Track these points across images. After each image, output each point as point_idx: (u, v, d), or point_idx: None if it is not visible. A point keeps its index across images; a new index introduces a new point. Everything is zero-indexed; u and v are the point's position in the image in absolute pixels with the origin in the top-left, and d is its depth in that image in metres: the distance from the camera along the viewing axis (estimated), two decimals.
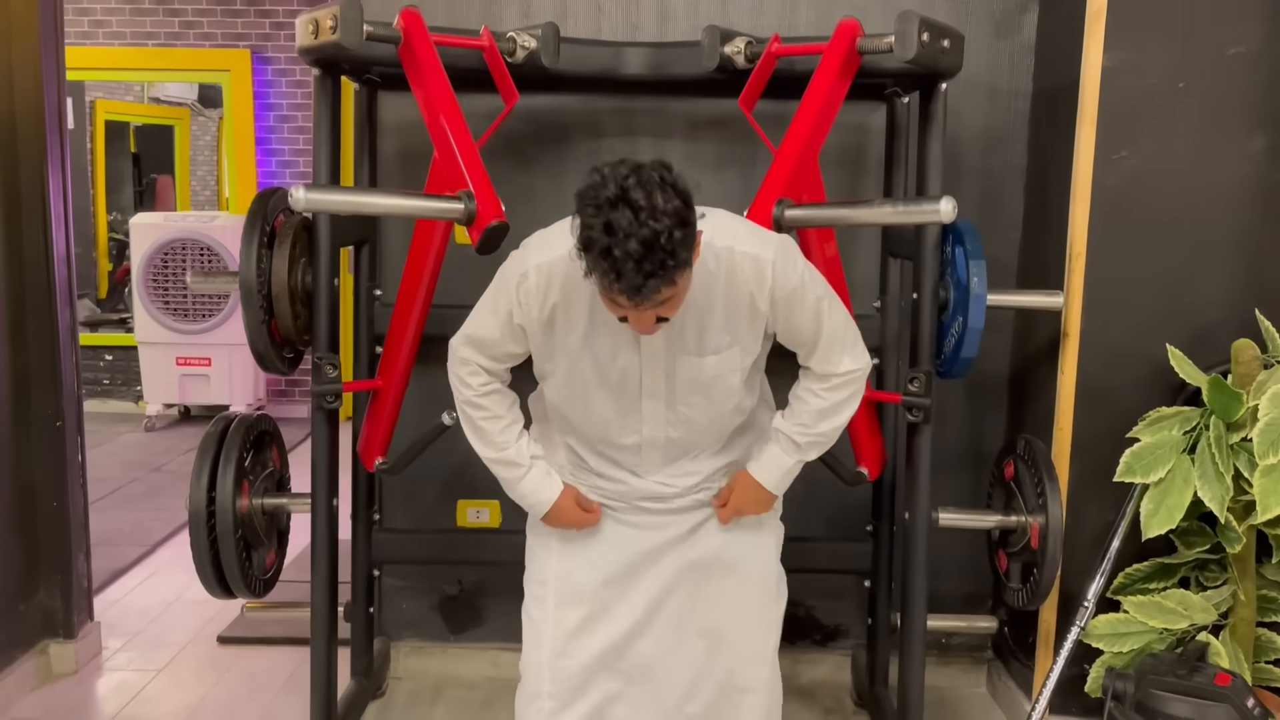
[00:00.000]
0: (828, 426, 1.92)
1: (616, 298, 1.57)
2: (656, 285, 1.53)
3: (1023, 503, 2.49)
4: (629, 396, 1.85)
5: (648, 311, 1.61)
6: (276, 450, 2.61)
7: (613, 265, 1.51)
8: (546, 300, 1.78)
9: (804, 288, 1.78)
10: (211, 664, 3.19)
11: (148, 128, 7.99)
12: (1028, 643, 2.84)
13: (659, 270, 1.51)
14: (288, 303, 2.36)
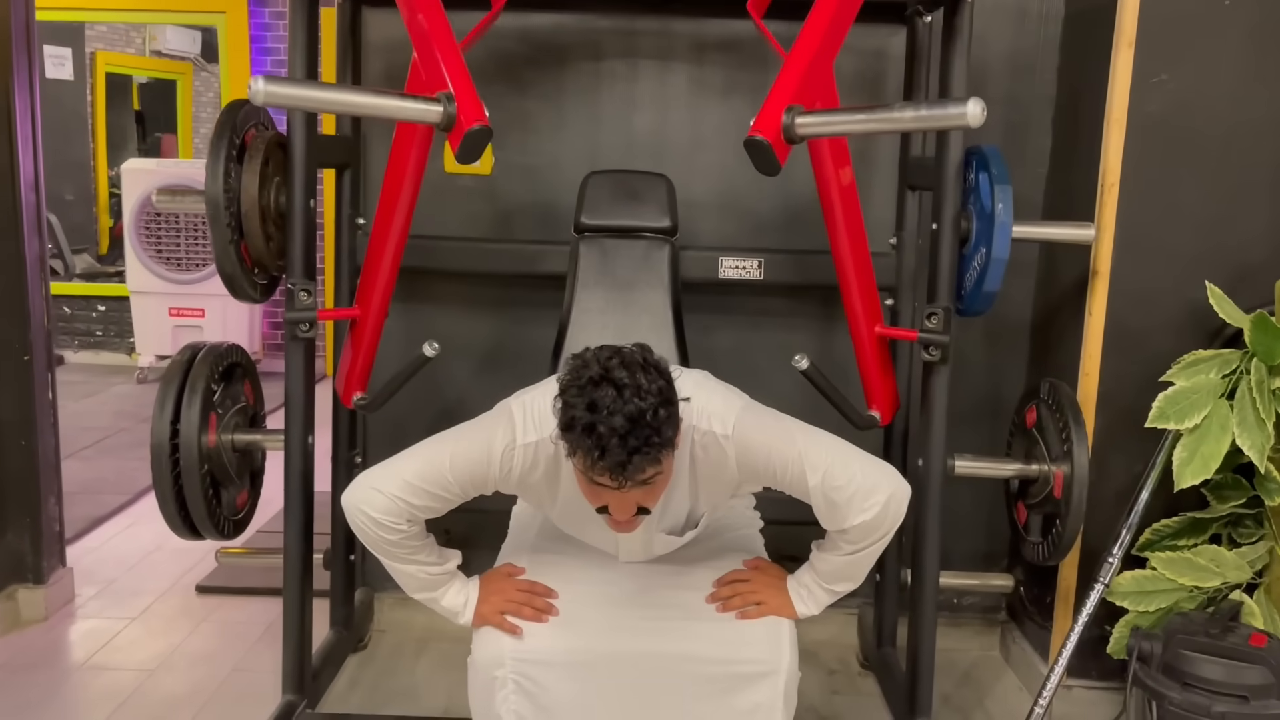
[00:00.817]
0: (855, 571, 1.84)
1: (599, 478, 1.53)
2: (641, 463, 1.49)
3: (1045, 450, 2.33)
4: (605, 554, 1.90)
5: (630, 495, 1.56)
6: (250, 384, 2.45)
7: (596, 442, 1.48)
8: (528, 477, 1.74)
9: (771, 453, 1.69)
10: (187, 613, 3.05)
11: (151, 86, 7.86)
12: (1045, 602, 2.68)
13: (644, 446, 1.48)
14: (258, 223, 2.19)
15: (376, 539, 1.77)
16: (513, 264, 2.67)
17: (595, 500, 1.60)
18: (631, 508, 1.60)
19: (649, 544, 1.86)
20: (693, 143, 2.76)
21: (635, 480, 1.52)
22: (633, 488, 1.53)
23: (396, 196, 2.18)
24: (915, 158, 2.56)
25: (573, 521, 1.87)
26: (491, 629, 1.84)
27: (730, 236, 2.77)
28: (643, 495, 1.58)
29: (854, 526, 1.71)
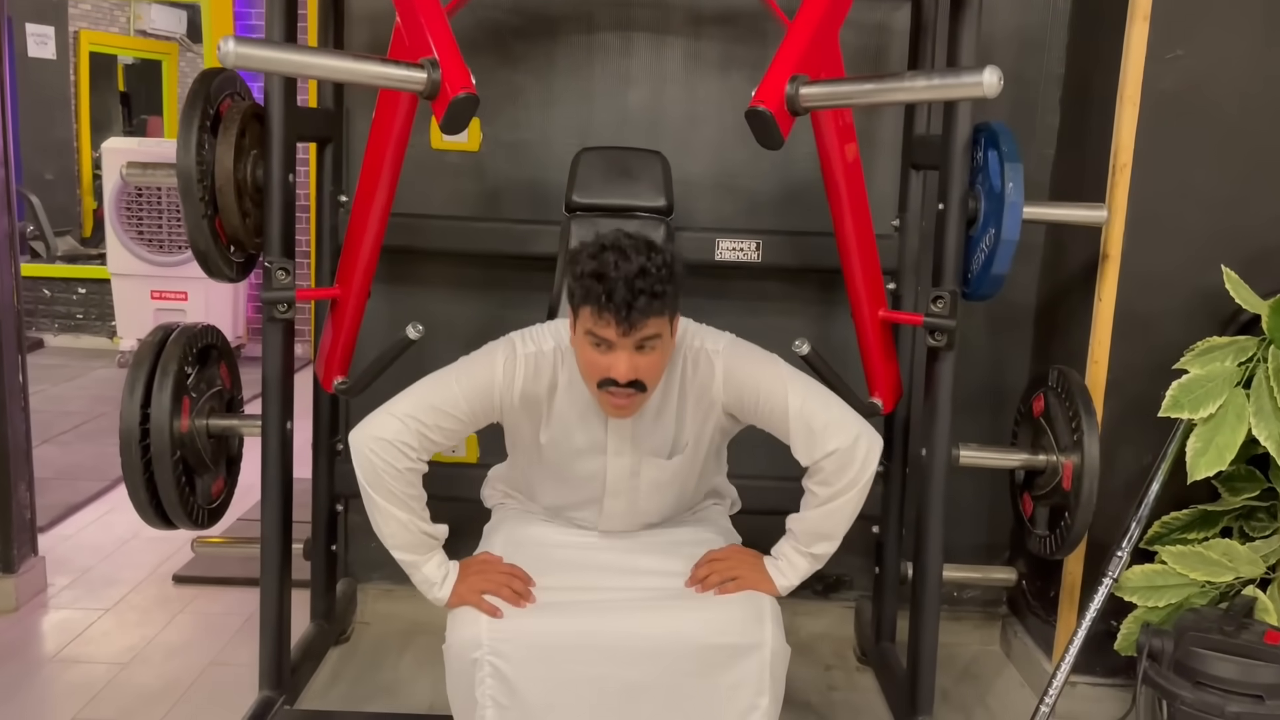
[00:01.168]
0: (831, 526, 1.84)
1: (603, 329, 1.61)
2: (646, 305, 1.58)
3: (1054, 440, 2.24)
4: (591, 494, 1.87)
5: (632, 356, 1.62)
6: (226, 367, 2.35)
7: (604, 285, 1.58)
8: (530, 387, 1.79)
9: (759, 377, 1.80)
10: (163, 604, 2.96)
11: (138, 67, 7.72)
12: (1049, 597, 2.61)
13: (649, 289, 1.58)
14: (234, 197, 2.09)
15: (384, 467, 1.78)
16: (501, 244, 2.57)
17: (595, 371, 1.65)
18: (632, 370, 1.63)
19: (637, 471, 1.83)
20: (688, 119, 2.66)
21: (639, 329, 1.59)
22: (635, 343, 1.61)
23: (379, 171, 2.08)
24: (920, 135, 2.46)
25: (562, 446, 1.83)
26: (466, 611, 1.78)
27: (727, 217, 2.68)
28: (644, 365, 1.64)
29: (830, 454, 1.76)
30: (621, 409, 1.71)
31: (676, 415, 1.82)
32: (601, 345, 1.64)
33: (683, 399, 1.82)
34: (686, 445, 1.85)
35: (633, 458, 1.83)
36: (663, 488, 1.89)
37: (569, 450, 1.84)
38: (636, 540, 1.94)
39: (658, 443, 1.83)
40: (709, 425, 1.85)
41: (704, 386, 1.81)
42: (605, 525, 1.94)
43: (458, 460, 2.81)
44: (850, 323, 2.68)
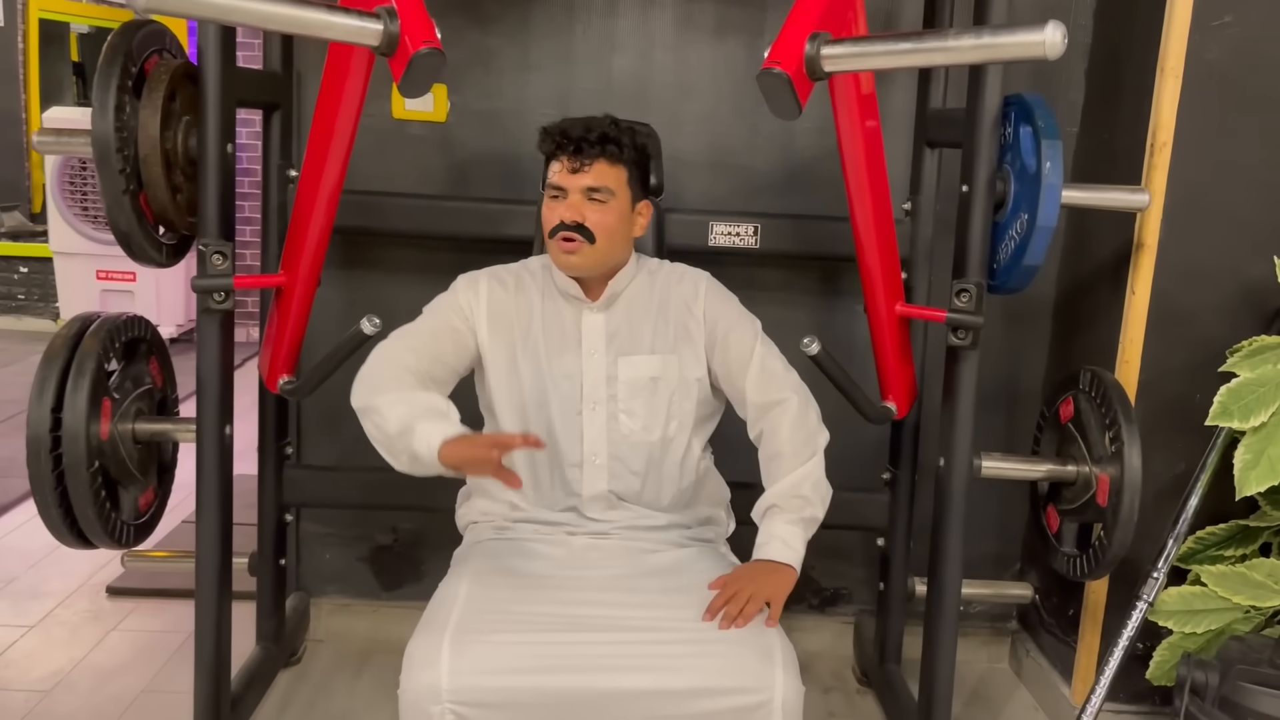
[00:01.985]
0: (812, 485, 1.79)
1: (557, 164, 1.71)
2: (597, 144, 1.69)
3: (1085, 450, 2.02)
4: (569, 408, 1.77)
5: (580, 188, 1.69)
6: (157, 363, 2.08)
7: (561, 129, 1.71)
8: (496, 294, 1.80)
9: (734, 307, 1.85)
10: (95, 619, 2.68)
11: (93, 37, 7.33)
12: (1067, 615, 2.40)
13: (602, 133, 1.70)
14: (160, 169, 1.82)
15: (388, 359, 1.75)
16: (470, 225, 2.31)
17: (549, 222, 1.71)
18: (576, 211, 1.68)
19: (613, 374, 1.77)
20: (679, 89, 2.41)
21: (587, 169, 1.68)
22: (585, 187, 1.68)
23: (328, 141, 1.81)
24: (936, 110, 2.23)
25: (539, 343, 1.78)
26: (425, 649, 1.53)
27: (721, 198, 2.44)
28: (591, 214, 1.69)
29: (781, 403, 1.79)
30: (568, 252, 1.70)
31: (656, 318, 1.80)
32: (557, 195, 1.70)
33: (664, 305, 1.81)
34: (661, 349, 1.79)
35: (608, 356, 1.77)
36: (641, 393, 1.77)
37: (544, 357, 1.77)
38: (624, 580, 1.70)
39: (634, 341, 1.79)
40: (689, 349, 1.80)
41: (687, 299, 1.82)
42: (590, 472, 1.76)
43: None
44: (856, 317, 2.48)
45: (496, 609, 1.58)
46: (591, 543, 1.77)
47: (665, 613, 1.60)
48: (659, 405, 1.79)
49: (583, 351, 1.78)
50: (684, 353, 1.80)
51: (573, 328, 1.79)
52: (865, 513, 2.38)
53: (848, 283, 2.49)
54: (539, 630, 1.54)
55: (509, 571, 1.69)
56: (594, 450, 1.78)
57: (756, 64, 2.40)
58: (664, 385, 1.79)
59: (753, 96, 2.44)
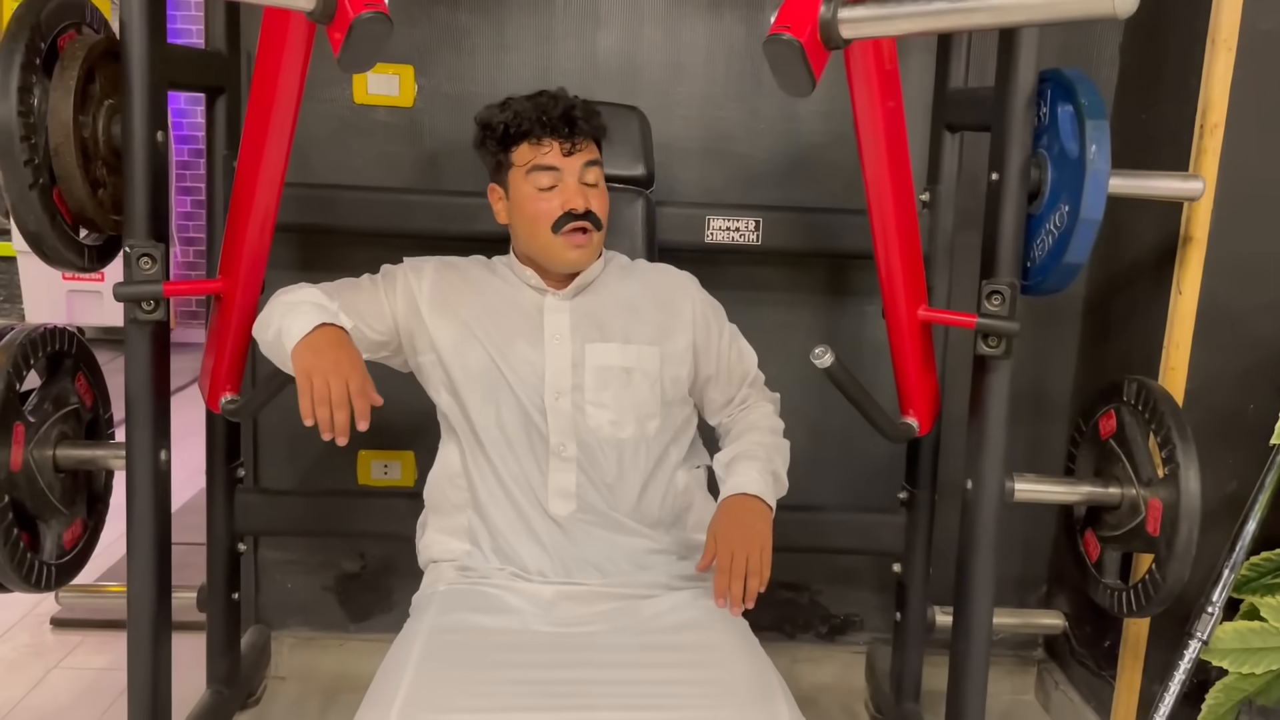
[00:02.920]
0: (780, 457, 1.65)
1: (544, 146, 1.55)
2: (586, 118, 1.56)
3: (1131, 470, 1.80)
4: (531, 397, 1.56)
5: (578, 168, 1.56)
6: (85, 380, 1.85)
7: (538, 105, 1.55)
8: (443, 274, 1.65)
9: (719, 308, 1.72)
10: (36, 656, 2.45)
11: None
12: (1102, 646, 2.18)
13: (582, 105, 1.58)
14: (76, 160, 1.58)
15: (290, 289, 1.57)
16: (441, 221, 2.07)
17: (546, 214, 1.54)
18: (583, 193, 1.55)
19: (580, 360, 1.57)
20: (671, 69, 2.19)
21: (582, 148, 1.55)
22: (581, 166, 1.55)
23: (266, 124, 1.58)
24: (957, 89, 2.00)
25: (493, 327, 1.59)
26: (380, 695, 1.33)
27: (718, 190, 2.21)
28: (596, 196, 1.56)
29: (752, 381, 1.72)
30: (581, 245, 1.56)
31: (630, 309, 1.63)
32: (548, 177, 1.54)
33: (640, 297, 1.65)
34: (636, 339, 1.60)
35: (573, 343, 1.59)
36: (611, 384, 1.57)
37: (501, 341, 1.58)
38: (610, 638, 1.47)
39: (603, 330, 1.61)
40: (670, 335, 1.63)
41: (672, 294, 1.67)
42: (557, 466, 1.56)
43: (391, 484, 2.33)
44: (867, 319, 2.28)
45: (453, 678, 1.34)
46: (568, 590, 1.53)
47: (661, 685, 1.37)
48: (633, 399, 1.59)
49: (545, 337, 1.60)
50: (665, 347, 1.62)
51: (533, 314, 1.61)
52: (879, 536, 2.15)
53: (857, 281, 2.27)
54: (506, 709, 1.29)
55: (470, 629, 1.45)
56: (561, 441, 1.56)
57: (756, 40, 2.20)
58: (639, 378, 1.60)
59: (752, 77, 2.24)
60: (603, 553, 1.55)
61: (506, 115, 1.56)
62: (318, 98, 2.17)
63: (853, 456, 2.32)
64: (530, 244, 1.59)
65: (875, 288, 2.22)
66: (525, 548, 1.55)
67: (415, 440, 2.29)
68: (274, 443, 2.29)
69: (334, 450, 2.32)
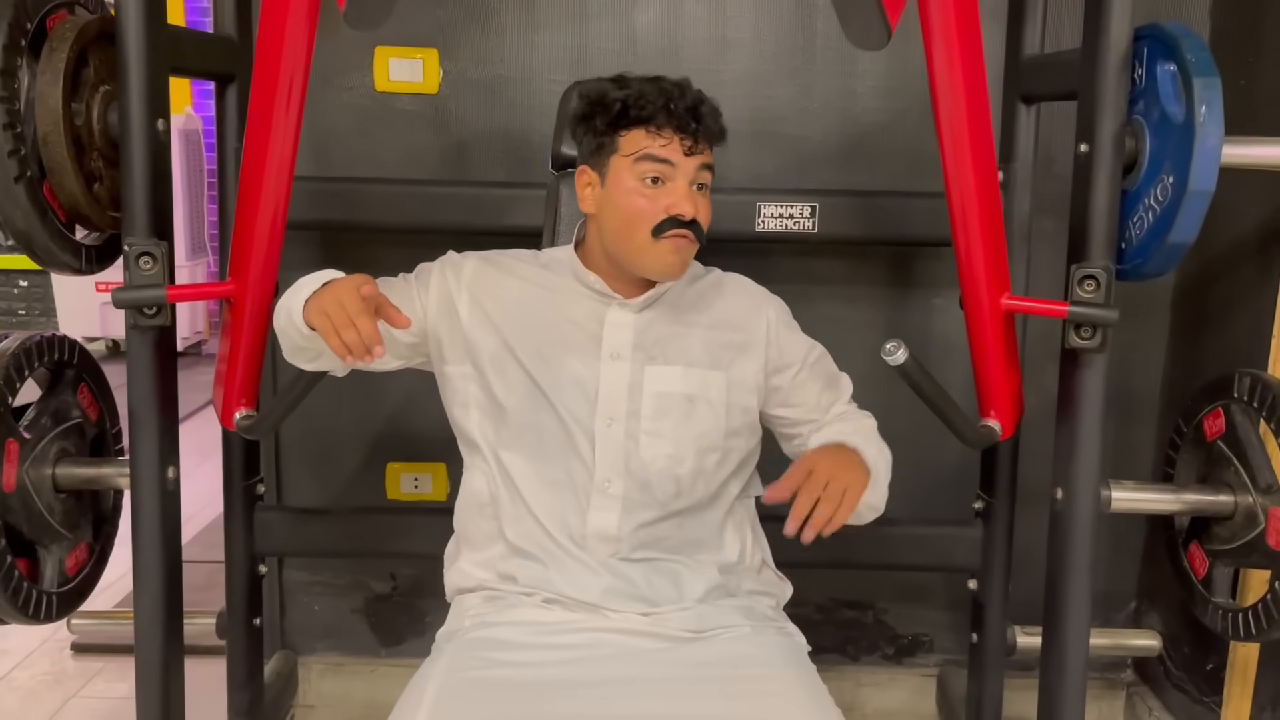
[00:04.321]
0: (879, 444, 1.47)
1: (663, 137, 1.34)
2: (712, 116, 1.37)
3: (1245, 476, 1.60)
4: (579, 421, 1.38)
5: (692, 170, 1.35)
6: (89, 392, 1.71)
7: (663, 90, 1.35)
8: (484, 273, 1.45)
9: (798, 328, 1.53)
10: (56, 684, 2.34)
11: None
12: (1204, 670, 1.98)
13: (715, 111, 1.38)
14: (67, 151, 1.45)
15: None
16: (468, 214, 1.92)
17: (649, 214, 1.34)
18: (692, 198, 1.34)
19: (637, 384, 1.39)
20: (716, 44, 2.03)
21: (702, 149, 1.36)
22: (696, 169, 1.35)
23: (270, 107, 1.43)
24: (1033, 56, 1.81)
25: (542, 337, 1.40)
26: None
27: (768, 175, 2.04)
28: (703, 204, 1.37)
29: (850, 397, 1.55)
30: (681, 250, 1.36)
31: (700, 327, 1.44)
32: (659, 170, 1.34)
33: (713, 313, 1.46)
34: (701, 364, 1.42)
35: (633, 363, 1.40)
36: (672, 413, 1.39)
37: (548, 353, 1.39)
38: (645, 673, 1.29)
39: (668, 350, 1.42)
40: (741, 368, 1.44)
41: (750, 306, 1.49)
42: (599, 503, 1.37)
43: (423, 499, 2.18)
44: (935, 313, 2.10)
45: None
46: (607, 624, 1.36)
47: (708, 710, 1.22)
48: (694, 430, 1.40)
49: (601, 354, 1.40)
50: (733, 373, 1.43)
51: (591, 325, 1.41)
52: (953, 550, 1.96)
53: (923, 271, 2.10)
54: None
55: (489, 669, 1.29)
56: (607, 476, 1.38)
57: (807, 11, 2.03)
58: (703, 407, 1.41)
59: (804, 51, 2.06)
60: (648, 586, 1.37)
61: (626, 93, 1.36)
62: (337, 86, 2.04)
63: (921, 463, 2.11)
64: (618, 242, 1.38)
65: (943, 279, 2.07)
66: (562, 581, 1.37)
67: (447, 452, 2.09)
68: (297, 457, 2.16)
69: (361, 464, 2.19)
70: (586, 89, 1.42)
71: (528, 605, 1.37)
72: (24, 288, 5.67)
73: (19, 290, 5.69)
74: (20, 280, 5.67)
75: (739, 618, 1.39)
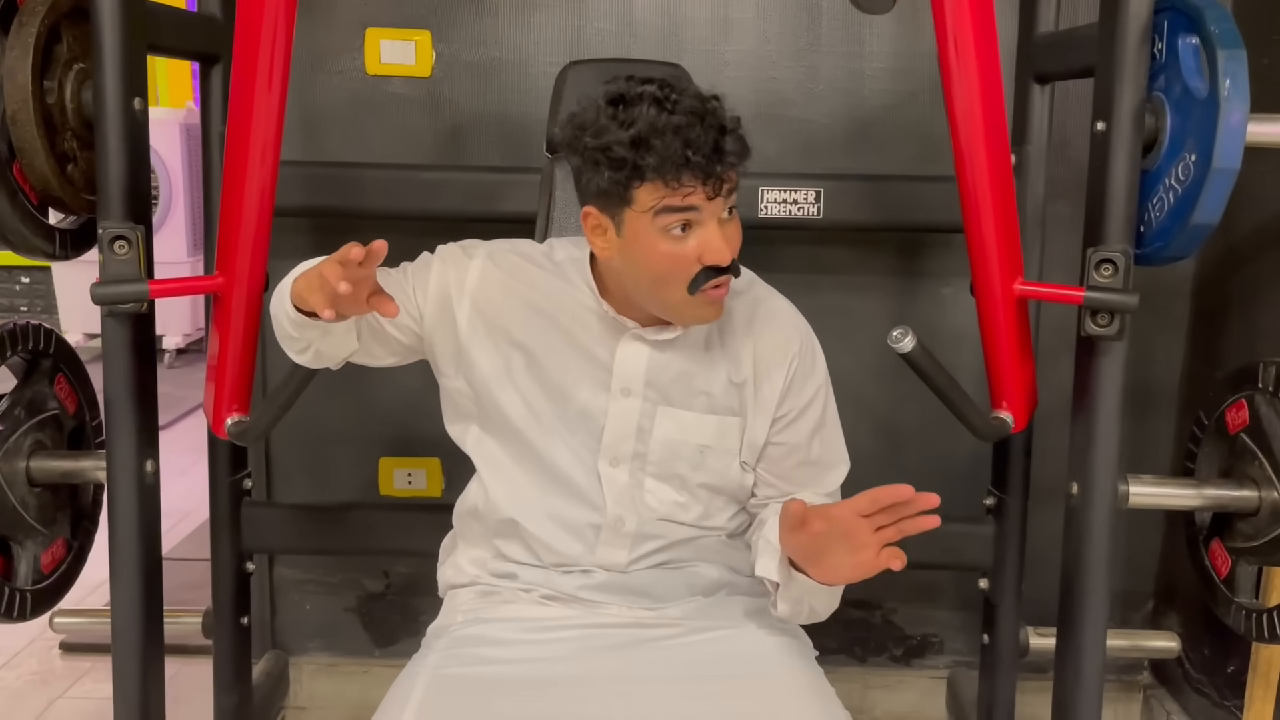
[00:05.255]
0: None
1: (684, 186, 1.14)
2: (735, 146, 1.16)
3: (1271, 470, 1.53)
4: (583, 458, 1.29)
5: (722, 209, 1.17)
6: (66, 383, 1.66)
7: (682, 137, 1.12)
8: (490, 279, 1.30)
9: (823, 376, 1.35)
10: (43, 684, 2.28)
11: None
12: (1225, 672, 1.91)
13: (730, 124, 1.17)
14: (37, 130, 1.39)
15: None
16: (465, 200, 1.86)
17: (684, 265, 1.17)
18: (725, 242, 1.17)
19: (647, 426, 1.28)
20: (717, 25, 1.97)
21: (728, 182, 1.16)
22: (726, 204, 1.18)
23: (251, 86, 1.37)
24: (1047, 34, 1.74)
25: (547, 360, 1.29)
26: None
27: (771, 159, 1.96)
28: (732, 231, 1.20)
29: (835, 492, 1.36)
30: (719, 301, 1.23)
31: (721, 365, 1.30)
32: (684, 218, 1.16)
33: (743, 337, 1.30)
34: (719, 410, 1.30)
35: (645, 402, 1.29)
36: (682, 462, 1.29)
37: (553, 380, 1.29)
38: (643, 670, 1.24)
39: (685, 392, 1.29)
40: (757, 414, 1.30)
41: (782, 333, 1.32)
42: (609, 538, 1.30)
43: (416, 494, 2.12)
44: (944, 302, 2.04)
45: None
46: (606, 618, 1.30)
47: None
48: (703, 480, 1.31)
49: (611, 388, 1.28)
50: (750, 417, 1.30)
51: (602, 353, 1.29)
52: (964, 548, 1.89)
53: (932, 260, 2.03)
54: None
55: (478, 665, 1.24)
56: (619, 514, 1.29)
57: None
58: (717, 457, 1.30)
59: (809, 31, 2.00)
60: (653, 584, 1.31)
61: (640, 153, 1.13)
62: (327, 69, 1.98)
63: (929, 458, 2.07)
64: (648, 296, 1.23)
65: (953, 267, 1.99)
66: (561, 579, 1.31)
67: (442, 446, 2.04)
68: (287, 451, 2.10)
69: (353, 458, 2.13)
70: (583, 122, 1.19)
71: (524, 601, 1.31)
72: (25, 284, 5.63)
73: (20, 286, 5.64)
74: (22, 276, 5.62)
75: (740, 615, 1.33)
